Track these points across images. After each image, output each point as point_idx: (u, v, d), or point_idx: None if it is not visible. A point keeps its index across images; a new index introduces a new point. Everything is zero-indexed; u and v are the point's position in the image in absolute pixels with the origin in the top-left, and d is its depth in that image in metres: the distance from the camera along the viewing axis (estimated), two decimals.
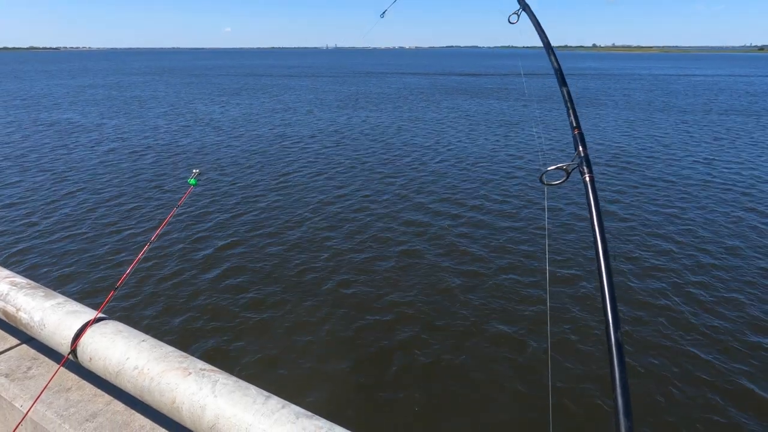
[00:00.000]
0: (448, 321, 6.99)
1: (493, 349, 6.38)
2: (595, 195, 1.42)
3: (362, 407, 5.49)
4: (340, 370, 6.06)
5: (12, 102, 37.10)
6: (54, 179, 14.75)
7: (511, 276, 8.28)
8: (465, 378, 5.90)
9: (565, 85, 1.95)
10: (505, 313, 7.15)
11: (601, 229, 1.31)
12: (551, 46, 2.21)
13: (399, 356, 6.32)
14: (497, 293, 7.71)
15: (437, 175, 15.24)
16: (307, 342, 6.62)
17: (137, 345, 1.53)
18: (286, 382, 5.81)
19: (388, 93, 43.93)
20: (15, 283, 1.98)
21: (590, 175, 1.47)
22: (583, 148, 1.55)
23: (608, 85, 53.06)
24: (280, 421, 1.19)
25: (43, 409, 1.83)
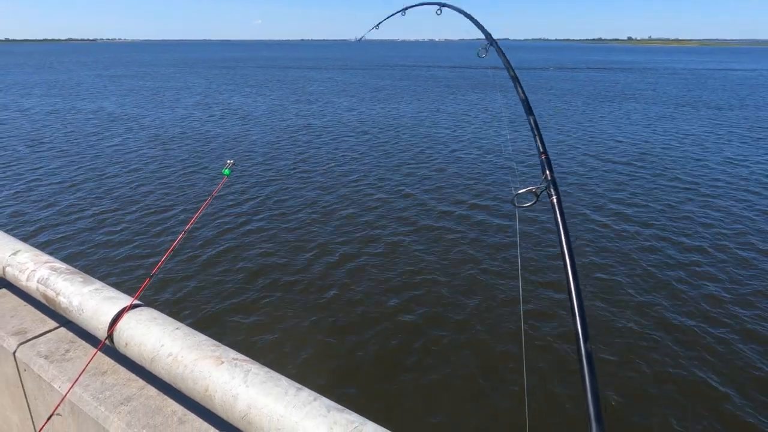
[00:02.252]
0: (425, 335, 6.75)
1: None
2: (562, 214, 1.51)
3: (391, 402, 5.50)
4: (380, 365, 6.07)
5: (52, 92, 38.33)
6: (91, 169, 15.20)
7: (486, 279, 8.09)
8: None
9: (531, 113, 2.12)
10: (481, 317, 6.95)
11: (568, 245, 1.41)
12: (518, 79, 2.41)
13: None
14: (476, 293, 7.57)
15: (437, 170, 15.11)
16: (342, 334, 6.66)
17: (171, 332, 1.56)
18: (318, 373, 5.84)
19: (415, 85, 43.68)
20: (55, 268, 2.04)
21: (557, 197, 1.58)
22: (550, 172, 1.66)
23: (638, 78, 51.48)
24: (311, 414, 1.19)
25: (80, 391, 1.88)
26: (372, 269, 8.44)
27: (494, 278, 8.07)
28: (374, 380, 5.77)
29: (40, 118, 25.53)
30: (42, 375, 2.04)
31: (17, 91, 39.35)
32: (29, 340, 2.23)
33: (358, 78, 53.24)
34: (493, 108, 29.10)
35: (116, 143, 19.07)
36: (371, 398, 5.48)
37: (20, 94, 37.10)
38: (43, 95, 36.09)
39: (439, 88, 41.18)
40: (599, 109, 28.27)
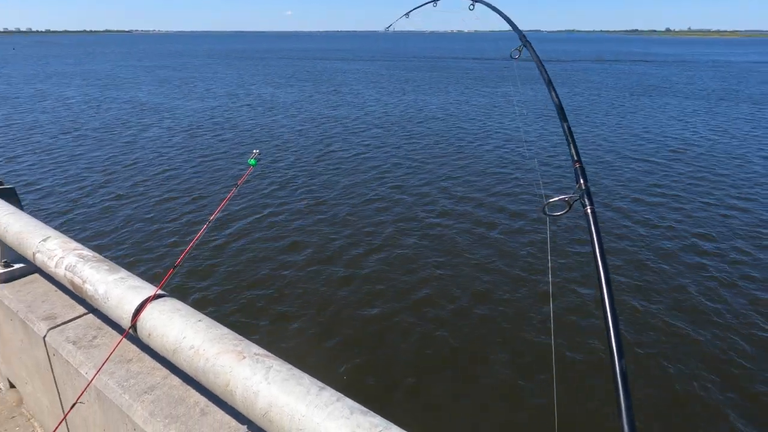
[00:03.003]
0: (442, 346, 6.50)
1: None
2: (596, 227, 1.47)
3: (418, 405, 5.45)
4: (408, 364, 6.03)
5: (89, 82, 39.41)
6: (121, 157, 15.56)
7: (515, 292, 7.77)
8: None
9: (565, 120, 2.05)
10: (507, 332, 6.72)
11: (603, 259, 1.36)
12: (552, 83, 2.33)
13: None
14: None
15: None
16: (366, 329, 6.63)
17: (194, 324, 1.53)
18: (341, 367, 5.81)
19: (445, 77, 43.25)
20: (82, 255, 2.05)
21: (591, 208, 1.53)
22: (584, 181, 1.62)
23: (676, 72, 49.66)
24: (333, 415, 1.15)
25: (106, 378, 1.89)
26: (396, 265, 8.36)
27: (522, 285, 7.77)
28: (398, 378, 5.71)
29: (77, 106, 26.29)
30: (70, 360, 2.07)
31: (57, 80, 40.61)
32: (58, 325, 2.27)
33: (385, 69, 53.02)
34: (524, 102, 28.58)
35: (147, 132, 19.47)
36: (395, 397, 5.43)
37: (60, 83, 38.28)
38: (80, 85, 37.14)
39: (468, 80, 40.66)
40: (631, 104, 27.42)
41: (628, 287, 7.69)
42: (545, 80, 2.37)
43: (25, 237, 2.32)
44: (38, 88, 35.41)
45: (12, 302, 2.49)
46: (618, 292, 7.46)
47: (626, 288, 7.67)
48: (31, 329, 2.32)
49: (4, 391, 3.06)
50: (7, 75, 46.07)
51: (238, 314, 6.86)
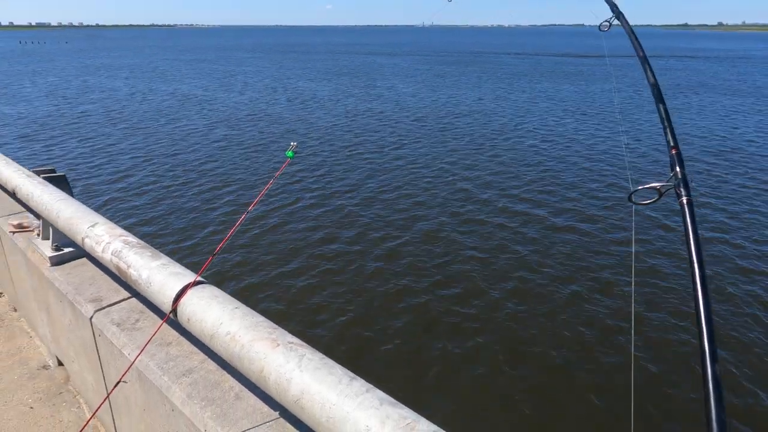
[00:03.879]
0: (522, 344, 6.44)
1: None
2: (693, 219, 1.35)
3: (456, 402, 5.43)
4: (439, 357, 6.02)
5: (134, 74, 40.78)
6: (164, 148, 16.06)
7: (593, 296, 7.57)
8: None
9: (662, 101, 1.87)
10: (585, 341, 6.54)
11: (698, 254, 1.25)
12: (647, 59, 2.11)
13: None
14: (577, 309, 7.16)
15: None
16: (398, 320, 6.65)
17: (231, 311, 1.58)
18: (374, 365, 5.84)
19: (491, 72, 42.65)
20: (127, 242, 2.14)
21: (688, 198, 1.41)
22: (681, 169, 1.50)
23: (727, 69, 47.32)
24: (363, 405, 1.16)
25: (147, 360, 1.97)
26: (462, 262, 8.29)
27: (600, 280, 7.62)
28: (451, 377, 5.69)
29: (124, 98, 27.27)
30: (114, 341, 2.16)
31: (104, 73, 42.22)
32: (104, 307, 2.37)
33: (424, 64, 52.70)
34: (573, 98, 27.90)
35: (189, 124, 20.02)
36: (434, 390, 5.43)
37: (107, 76, 39.79)
38: (126, 77, 38.50)
39: (512, 76, 39.98)
40: (677, 101, 26.37)
41: (721, 289, 7.41)
42: (639, 56, 2.19)
43: (74, 223, 2.44)
44: (87, 80, 36.91)
45: (62, 284, 2.62)
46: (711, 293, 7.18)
47: (720, 290, 7.38)
48: (78, 310, 2.43)
49: (53, 368, 3.23)
50: (60, 68, 48.23)
51: (271, 302, 7.00)
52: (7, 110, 23.65)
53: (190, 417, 1.69)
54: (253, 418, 1.64)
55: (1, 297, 4.11)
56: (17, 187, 3.08)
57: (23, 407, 2.88)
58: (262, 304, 6.85)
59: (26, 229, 3.26)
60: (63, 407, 2.89)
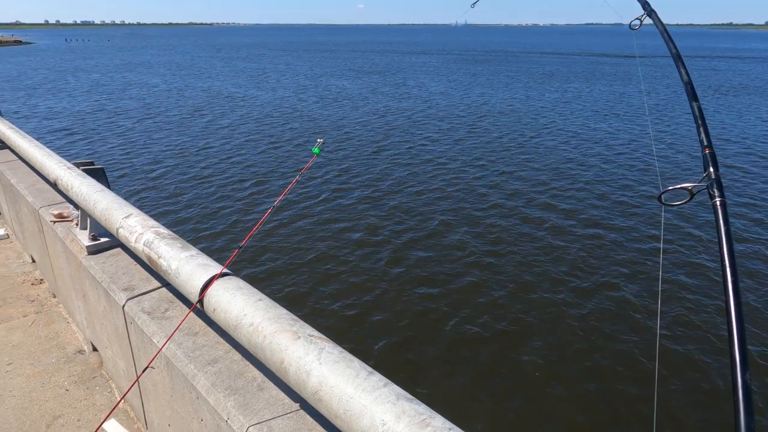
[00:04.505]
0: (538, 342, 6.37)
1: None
2: (726, 221, 1.30)
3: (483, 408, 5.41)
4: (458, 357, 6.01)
5: (171, 71, 41.84)
6: (196, 142, 16.44)
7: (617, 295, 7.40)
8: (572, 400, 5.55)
9: (695, 99, 1.82)
10: (609, 338, 6.42)
11: (731, 257, 1.21)
12: (680, 57, 2.04)
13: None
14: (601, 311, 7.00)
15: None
16: (419, 321, 6.66)
17: (254, 303, 1.62)
18: (392, 359, 5.87)
19: (525, 71, 42.08)
20: (159, 233, 2.21)
21: (721, 200, 1.36)
22: (715, 170, 1.46)
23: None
24: (380, 399, 1.18)
25: (174, 348, 2.03)
26: (486, 255, 8.29)
27: (628, 280, 7.48)
28: (476, 378, 5.67)
29: (160, 94, 28.04)
30: (144, 329, 2.24)
31: (144, 70, 43.49)
32: (136, 296, 2.46)
33: (455, 63, 52.33)
34: (607, 98, 27.28)
35: (221, 119, 20.43)
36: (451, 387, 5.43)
37: (146, 72, 40.97)
38: (164, 74, 39.55)
39: (545, 76, 39.33)
40: (715, 102, 25.41)
41: (753, 293, 7.17)
42: (672, 54, 2.11)
43: (110, 213, 2.54)
44: (127, 76, 38.09)
45: (97, 272, 2.72)
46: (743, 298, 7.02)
47: (751, 294, 7.15)
48: (112, 298, 2.53)
49: (88, 353, 3.36)
50: (102, 65, 49.94)
51: (293, 294, 7.10)
52: (53, 104, 24.65)
53: (214, 405, 1.74)
54: (275, 409, 1.68)
55: (42, 283, 4.29)
56: (58, 178, 3.21)
57: (60, 389, 3.01)
58: (284, 297, 6.96)
59: (66, 219, 3.40)
60: (96, 390, 3.01)
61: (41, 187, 4.12)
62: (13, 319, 3.73)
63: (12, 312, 3.84)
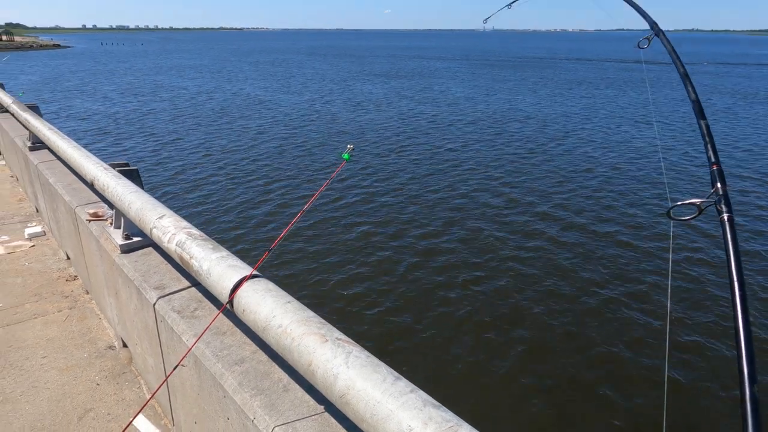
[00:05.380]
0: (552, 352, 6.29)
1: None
2: (733, 237, 1.34)
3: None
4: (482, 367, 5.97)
5: (201, 74, 42.71)
6: (224, 145, 16.74)
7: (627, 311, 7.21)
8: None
9: (703, 117, 1.88)
10: (621, 347, 6.29)
11: (739, 273, 1.23)
12: (688, 76, 2.11)
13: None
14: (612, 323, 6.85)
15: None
16: (442, 325, 6.64)
17: (283, 305, 1.64)
18: (416, 362, 5.86)
19: (550, 77, 41.61)
20: (191, 234, 2.26)
21: (729, 215, 1.40)
22: (722, 185, 1.50)
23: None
24: (406, 405, 1.18)
25: (203, 347, 2.07)
26: (500, 261, 8.24)
27: (635, 296, 7.34)
28: (498, 387, 5.63)
29: (191, 97, 28.64)
30: (174, 327, 2.29)
31: (175, 73, 44.52)
32: (166, 295, 2.52)
33: (481, 69, 52.07)
34: (632, 105, 26.76)
35: (249, 123, 20.76)
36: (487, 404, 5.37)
37: (177, 76, 41.92)
38: (194, 77, 40.41)
39: (571, 82, 38.80)
40: (748, 111, 24.63)
41: (761, 309, 6.98)
42: (680, 73, 2.18)
43: (144, 214, 2.61)
44: (158, 79, 39.05)
45: (130, 271, 2.80)
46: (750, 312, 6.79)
47: (759, 309, 6.96)
48: (143, 296, 2.59)
49: (118, 349, 3.45)
50: (136, 68, 51.34)
51: (322, 299, 7.15)
52: (88, 105, 25.46)
53: (241, 404, 1.77)
54: (300, 411, 1.70)
55: (75, 280, 4.43)
56: (95, 178, 3.32)
57: (91, 383, 3.10)
58: (311, 299, 7.01)
59: (101, 218, 3.50)
60: (125, 386, 3.09)
61: (78, 186, 4.25)
62: (49, 314, 3.86)
63: (47, 307, 3.97)
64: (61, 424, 2.77)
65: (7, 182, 7.30)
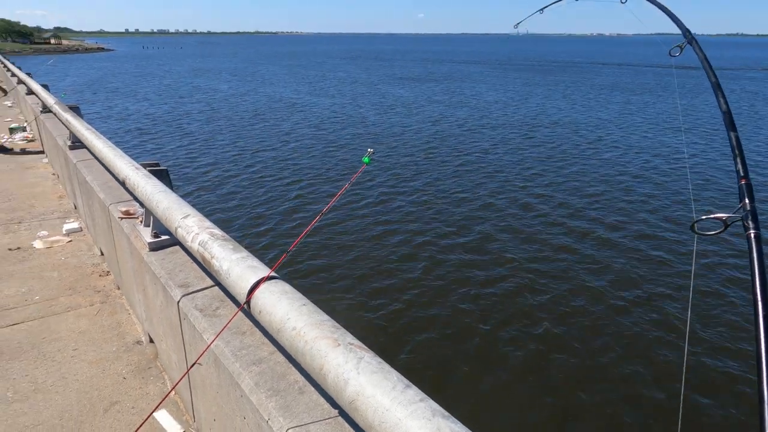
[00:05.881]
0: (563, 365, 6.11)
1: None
2: (760, 253, 1.29)
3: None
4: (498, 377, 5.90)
5: (235, 77, 43.62)
6: (253, 146, 17.02)
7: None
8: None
9: (734, 129, 1.82)
10: (637, 357, 6.08)
11: (764, 291, 1.19)
12: (720, 86, 2.05)
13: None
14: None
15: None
16: (461, 331, 6.58)
17: (298, 308, 1.65)
18: (433, 377, 5.81)
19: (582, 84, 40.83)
20: (213, 234, 2.30)
21: (756, 232, 1.36)
22: (750, 201, 1.46)
23: None
24: (415, 414, 1.16)
25: (223, 346, 2.10)
26: (517, 269, 8.12)
27: (653, 313, 7.10)
28: (519, 399, 5.55)
29: (225, 99, 29.29)
30: (196, 325, 2.33)
31: (211, 76, 45.64)
32: (190, 293, 2.57)
33: (513, 72, 51.48)
34: (668, 112, 25.98)
35: (279, 125, 21.07)
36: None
37: (212, 78, 42.96)
38: (228, 80, 41.32)
39: (605, 87, 37.95)
40: None
41: None
42: (712, 83, 2.11)
43: (170, 213, 2.67)
44: (195, 81, 40.08)
45: (157, 268, 2.87)
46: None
47: None
48: (169, 294, 2.65)
49: (145, 344, 3.54)
50: (174, 71, 52.86)
51: (336, 303, 7.17)
52: (128, 106, 26.34)
53: (257, 404, 1.78)
54: (314, 414, 1.70)
55: (108, 275, 4.57)
56: (127, 177, 3.42)
57: (118, 377, 3.19)
58: (326, 301, 7.04)
59: (132, 216, 3.61)
60: (150, 381, 3.16)
61: (112, 185, 4.39)
62: (81, 308, 4.00)
63: (80, 300, 4.11)
64: (87, 415, 2.85)
65: (49, 180, 7.61)
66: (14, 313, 3.89)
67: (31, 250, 5.07)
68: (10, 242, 5.22)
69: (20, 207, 6.30)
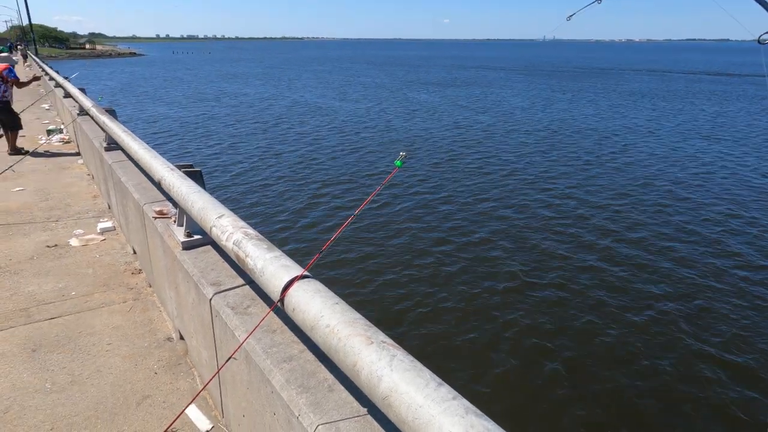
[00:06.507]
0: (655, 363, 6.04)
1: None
2: None
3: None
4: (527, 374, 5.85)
5: (263, 82, 44.25)
6: (281, 149, 17.24)
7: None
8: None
9: None
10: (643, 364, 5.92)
11: None
12: None
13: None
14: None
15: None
16: (495, 336, 6.53)
17: (331, 306, 1.69)
18: (462, 375, 5.80)
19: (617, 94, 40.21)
20: (247, 233, 2.36)
21: None
22: None
23: None
24: (448, 412, 1.18)
25: (254, 343, 2.15)
26: (551, 277, 8.05)
27: (689, 321, 6.95)
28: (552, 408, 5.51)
29: (252, 103, 29.77)
30: (228, 323, 2.39)
31: (238, 80, 46.47)
32: (222, 291, 2.63)
33: (540, 78, 50.99)
34: (700, 119, 25.37)
35: (305, 128, 21.31)
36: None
37: (239, 83, 43.73)
38: (255, 84, 42.00)
39: (634, 94, 37.29)
40: None
41: None
42: None
43: (205, 213, 2.74)
44: (222, 86, 40.85)
45: (190, 267, 2.95)
46: None
47: None
48: (201, 292, 2.72)
49: (176, 341, 3.63)
50: (202, 75, 54.01)
51: (369, 303, 7.21)
52: (157, 109, 27.01)
53: (287, 400, 1.82)
54: (343, 411, 1.73)
55: (140, 273, 4.70)
56: (162, 178, 3.52)
57: (149, 372, 3.28)
58: (358, 301, 7.08)
59: (165, 216, 3.71)
60: (180, 376, 3.25)
61: (146, 185, 4.52)
62: (115, 304, 4.12)
63: (114, 297, 4.24)
64: (121, 407, 2.94)
65: (84, 180, 7.87)
66: (52, 307, 4.04)
67: (67, 247, 5.25)
68: (48, 239, 5.42)
69: (57, 206, 6.54)
